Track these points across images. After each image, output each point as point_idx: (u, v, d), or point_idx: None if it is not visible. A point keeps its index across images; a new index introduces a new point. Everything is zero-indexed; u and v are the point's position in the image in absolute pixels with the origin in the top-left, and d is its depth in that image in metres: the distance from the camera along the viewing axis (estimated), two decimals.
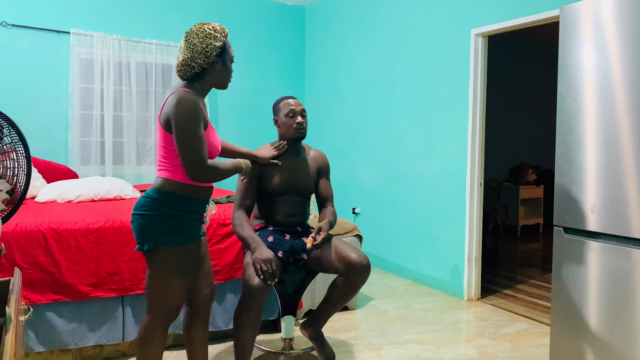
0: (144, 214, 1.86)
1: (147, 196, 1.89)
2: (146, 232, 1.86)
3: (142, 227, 1.86)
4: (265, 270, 2.15)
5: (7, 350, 1.11)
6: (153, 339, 1.94)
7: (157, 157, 1.95)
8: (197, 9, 5.27)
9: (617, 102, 2.12)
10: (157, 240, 1.86)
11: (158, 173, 1.93)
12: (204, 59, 1.87)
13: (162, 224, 1.86)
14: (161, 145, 1.90)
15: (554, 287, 2.38)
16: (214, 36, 1.89)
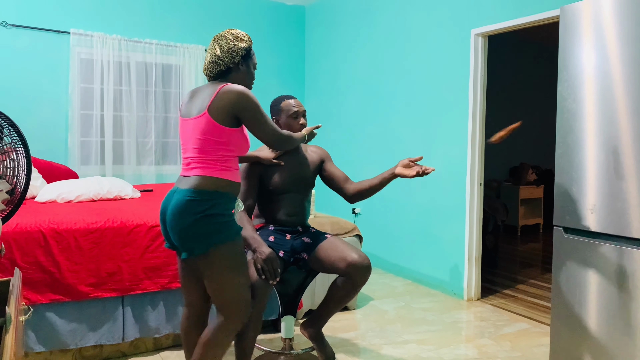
0: (194, 217, 1.82)
1: (190, 198, 1.84)
2: (201, 235, 1.83)
3: (195, 231, 1.83)
4: (266, 270, 2.15)
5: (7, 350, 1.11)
6: (223, 342, 1.94)
7: (189, 154, 1.92)
8: (197, 9, 5.27)
9: (617, 102, 2.12)
10: (212, 241, 1.85)
11: (191, 171, 1.90)
12: (230, 58, 1.96)
13: (212, 224, 1.84)
14: (204, 138, 1.88)
15: (554, 287, 2.38)
16: (240, 39, 1.99)
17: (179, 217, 1.84)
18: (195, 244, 1.84)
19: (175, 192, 1.90)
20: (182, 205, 1.84)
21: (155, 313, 2.75)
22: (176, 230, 1.85)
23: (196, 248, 1.85)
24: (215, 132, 1.88)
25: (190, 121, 1.93)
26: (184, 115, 1.99)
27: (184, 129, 1.97)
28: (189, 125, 1.94)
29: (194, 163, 1.91)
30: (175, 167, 5.23)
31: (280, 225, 2.47)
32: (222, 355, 1.97)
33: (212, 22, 5.36)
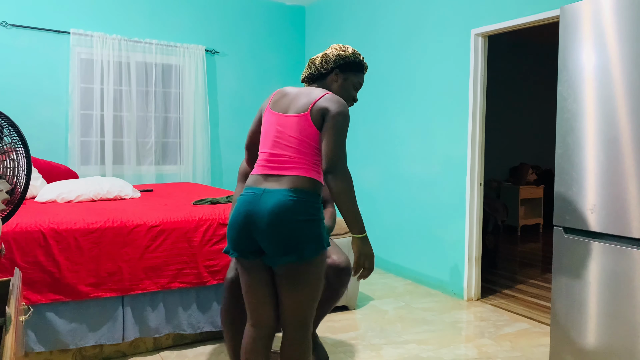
0: (304, 219, 1.70)
1: (296, 199, 1.71)
2: (309, 240, 1.70)
3: (303, 234, 1.70)
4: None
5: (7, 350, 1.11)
6: (308, 349, 1.82)
7: (287, 153, 1.78)
8: (197, 9, 5.27)
9: (617, 102, 2.12)
10: (317, 246, 1.72)
11: (290, 170, 1.76)
12: (322, 63, 1.93)
13: (316, 228, 1.73)
14: (304, 140, 1.78)
15: (554, 287, 2.38)
16: (342, 49, 1.94)
17: (282, 218, 1.68)
18: (302, 249, 1.69)
19: (269, 192, 1.74)
20: (286, 206, 1.69)
21: (155, 313, 2.75)
22: (277, 234, 1.69)
23: (304, 252, 1.69)
24: (312, 136, 1.78)
25: (289, 118, 1.81)
26: (279, 111, 1.86)
27: (276, 124, 1.84)
28: (286, 122, 1.82)
29: (292, 164, 1.77)
30: (175, 167, 5.23)
31: None
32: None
33: (212, 22, 5.36)
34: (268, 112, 1.89)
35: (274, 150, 1.81)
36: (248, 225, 1.74)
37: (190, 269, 2.77)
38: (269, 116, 1.88)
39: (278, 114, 1.86)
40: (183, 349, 2.85)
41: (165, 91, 5.12)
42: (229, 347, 2.29)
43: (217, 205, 3.10)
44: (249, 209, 1.75)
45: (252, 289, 1.83)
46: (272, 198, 1.71)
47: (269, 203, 1.71)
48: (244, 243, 1.78)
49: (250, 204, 1.75)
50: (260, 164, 1.84)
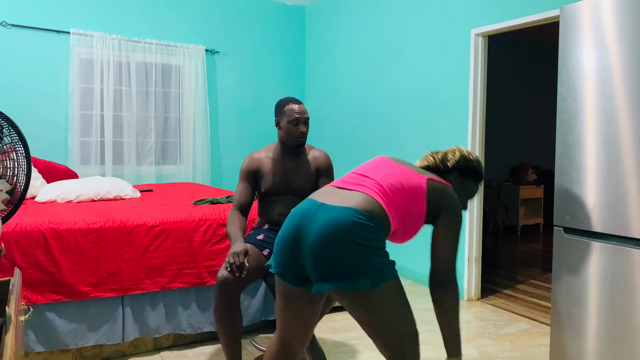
0: (370, 245, 1.50)
1: (368, 223, 1.52)
2: (372, 268, 1.50)
3: (368, 262, 1.49)
4: (232, 263, 2.16)
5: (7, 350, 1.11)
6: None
7: (373, 177, 1.67)
8: (197, 9, 5.27)
9: (617, 102, 2.12)
10: (379, 277, 1.51)
11: (365, 189, 1.62)
12: (445, 158, 1.87)
13: (377, 257, 1.52)
14: (403, 189, 1.65)
15: (554, 287, 2.38)
16: (468, 153, 1.91)
17: (337, 236, 1.49)
18: (355, 277, 1.49)
19: (326, 208, 1.56)
20: (346, 224, 1.50)
21: (155, 313, 2.75)
22: (327, 253, 1.50)
23: (358, 282, 1.48)
24: (414, 192, 1.65)
25: (398, 166, 1.72)
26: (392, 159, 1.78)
27: (384, 164, 1.74)
28: (393, 166, 1.73)
29: (372, 186, 1.63)
30: (175, 167, 5.23)
31: (275, 224, 2.49)
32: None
33: (212, 22, 5.36)
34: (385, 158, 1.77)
35: (359, 171, 1.70)
36: (297, 241, 1.57)
37: (190, 269, 2.77)
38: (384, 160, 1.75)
39: (387, 159, 1.74)
40: (183, 349, 2.85)
41: (165, 91, 5.12)
42: (224, 346, 2.29)
43: (217, 205, 3.10)
44: (297, 222, 1.58)
45: (287, 307, 1.69)
46: (329, 213, 1.53)
47: (325, 218, 1.52)
48: (288, 263, 1.61)
49: (302, 217, 1.58)
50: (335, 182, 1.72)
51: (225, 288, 2.21)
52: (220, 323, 2.25)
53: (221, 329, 2.26)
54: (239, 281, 2.23)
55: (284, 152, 2.48)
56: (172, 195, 3.71)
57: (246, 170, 2.46)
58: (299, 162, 2.49)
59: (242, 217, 2.40)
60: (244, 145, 5.61)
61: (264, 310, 3.02)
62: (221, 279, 2.21)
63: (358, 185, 1.63)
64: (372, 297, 1.50)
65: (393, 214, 1.61)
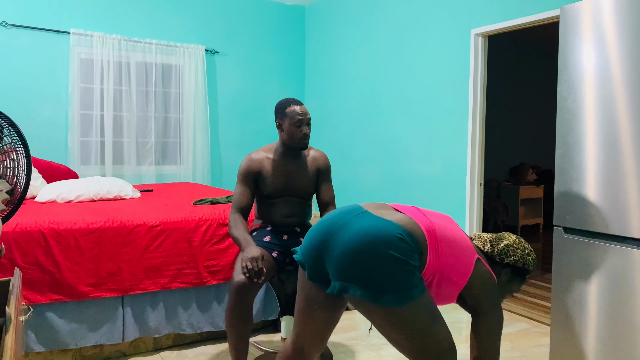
0: (404, 260, 1.47)
1: (399, 236, 1.49)
2: (398, 284, 1.47)
3: (395, 276, 1.46)
4: (250, 269, 2.14)
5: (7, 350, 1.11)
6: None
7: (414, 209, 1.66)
8: (197, 9, 5.27)
9: (617, 102, 2.12)
10: (405, 296, 1.48)
11: (407, 211, 1.64)
12: (504, 252, 1.79)
13: (408, 274, 1.49)
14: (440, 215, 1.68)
15: (554, 287, 2.38)
16: (529, 254, 1.82)
17: (371, 242, 1.46)
18: (381, 290, 1.45)
19: (370, 216, 1.54)
20: (383, 236, 1.47)
21: (155, 313, 2.75)
22: (339, 267, 1.48)
23: (383, 296, 1.45)
24: (461, 259, 1.62)
25: (458, 229, 1.71)
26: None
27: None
28: (452, 224, 1.71)
29: (415, 210, 1.66)
30: (175, 167, 5.23)
31: (277, 226, 2.47)
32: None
33: (212, 22, 5.36)
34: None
35: (420, 209, 1.69)
36: (331, 236, 1.54)
37: (190, 269, 2.77)
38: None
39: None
40: (183, 349, 2.85)
41: (165, 91, 5.12)
42: (233, 349, 2.28)
43: (217, 205, 3.10)
44: (332, 223, 1.56)
45: (305, 320, 1.68)
46: (373, 220, 1.50)
47: (366, 223, 1.50)
48: (314, 253, 1.59)
49: (338, 218, 1.56)
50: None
51: (242, 293, 2.19)
52: (233, 327, 2.23)
53: (232, 332, 2.24)
54: (254, 286, 2.21)
55: (285, 154, 2.46)
56: (172, 195, 3.71)
57: (246, 171, 2.42)
58: (300, 164, 2.48)
59: (244, 221, 2.39)
60: (244, 145, 5.61)
61: (264, 310, 3.02)
62: (238, 283, 2.19)
63: (410, 213, 1.61)
64: (398, 313, 1.47)
65: (432, 254, 1.56)
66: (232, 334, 2.24)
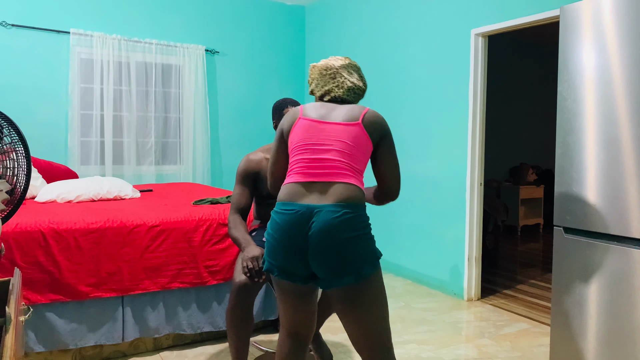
0: (363, 233, 1.59)
1: (355, 213, 1.60)
2: (370, 254, 1.60)
3: (365, 249, 1.59)
4: (251, 268, 2.14)
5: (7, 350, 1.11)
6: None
7: (340, 160, 1.67)
8: (197, 9, 5.27)
9: (617, 102, 2.12)
10: (373, 263, 1.61)
11: (342, 177, 1.64)
12: (364, 89, 1.92)
13: (370, 244, 1.62)
14: (355, 145, 1.68)
15: (554, 287, 2.38)
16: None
17: (335, 239, 1.56)
18: (359, 267, 1.58)
19: (317, 210, 1.60)
20: (338, 226, 1.57)
21: (155, 313, 2.75)
22: (332, 256, 1.57)
23: (361, 271, 1.58)
24: (363, 146, 1.69)
25: (335, 125, 1.71)
26: (321, 119, 1.73)
27: (316, 127, 1.72)
28: (331, 129, 1.70)
29: (344, 171, 1.65)
30: (175, 167, 5.23)
31: None
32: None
33: (212, 22, 5.36)
34: (308, 122, 1.74)
35: (316, 154, 1.67)
36: (300, 250, 1.60)
37: (190, 269, 2.77)
38: (308, 125, 1.73)
39: (319, 122, 1.73)
40: (183, 349, 2.85)
41: (165, 91, 5.12)
42: (233, 349, 2.28)
43: (217, 205, 3.10)
44: (297, 232, 1.60)
45: (297, 310, 1.75)
46: (322, 217, 1.57)
47: (319, 224, 1.57)
48: (295, 268, 1.63)
49: (298, 227, 1.60)
50: (298, 171, 1.69)
51: (243, 293, 2.19)
52: (233, 327, 2.23)
53: (233, 332, 2.24)
54: (255, 286, 2.22)
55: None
56: (172, 195, 3.71)
57: (244, 172, 2.42)
58: None
59: (243, 221, 2.39)
60: (244, 146, 5.61)
61: (264, 310, 3.02)
62: (239, 284, 2.19)
63: (333, 175, 1.65)
64: (374, 280, 1.62)
65: (361, 179, 1.70)
66: (233, 334, 2.25)
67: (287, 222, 1.62)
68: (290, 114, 1.83)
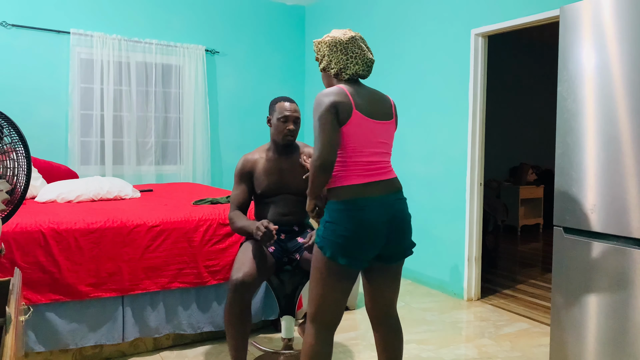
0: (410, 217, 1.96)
1: (405, 199, 1.96)
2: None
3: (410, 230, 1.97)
4: (264, 232, 2.16)
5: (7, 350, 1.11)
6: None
7: (380, 158, 1.88)
8: (197, 9, 5.27)
9: (617, 102, 2.12)
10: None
11: (390, 174, 1.91)
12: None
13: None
14: (390, 144, 1.94)
15: (554, 287, 2.38)
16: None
17: (409, 220, 1.94)
18: (411, 243, 1.98)
19: (392, 197, 1.87)
20: (406, 206, 1.94)
21: (155, 313, 2.75)
22: (409, 234, 1.94)
23: (411, 246, 1.98)
24: (392, 140, 1.95)
25: (382, 126, 1.88)
26: (370, 117, 1.85)
27: (372, 130, 1.85)
28: (380, 130, 1.87)
29: (388, 167, 1.92)
30: (175, 167, 5.23)
31: (275, 224, 2.48)
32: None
33: (212, 22, 5.36)
34: (363, 119, 1.82)
35: (371, 157, 1.85)
36: (381, 235, 1.82)
37: (190, 269, 2.77)
38: (362, 123, 1.82)
39: (373, 120, 1.85)
40: (183, 349, 2.85)
41: (165, 91, 5.12)
42: (232, 347, 2.28)
43: (217, 205, 3.10)
44: (381, 219, 1.81)
45: (345, 295, 1.88)
46: (397, 204, 1.86)
47: (396, 209, 1.85)
48: (368, 253, 1.82)
49: (388, 214, 1.83)
50: (359, 174, 1.83)
51: (240, 290, 2.20)
52: (231, 325, 2.24)
53: (231, 331, 2.25)
54: (252, 284, 2.22)
55: (277, 152, 2.48)
56: (172, 195, 3.71)
57: (240, 172, 2.46)
58: (293, 161, 2.49)
59: (242, 213, 2.42)
60: (244, 145, 5.61)
61: (264, 310, 3.02)
62: (236, 281, 2.20)
63: (388, 172, 1.90)
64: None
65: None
66: (231, 332, 2.25)
67: (371, 211, 1.79)
68: (340, 98, 1.80)
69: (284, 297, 2.54)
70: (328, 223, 1.81)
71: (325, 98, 1.78)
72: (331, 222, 1.80)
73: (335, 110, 1.77)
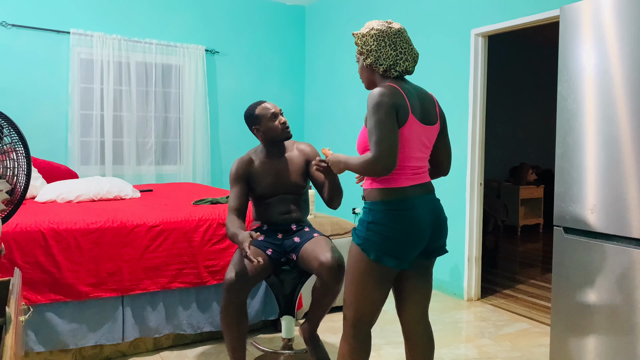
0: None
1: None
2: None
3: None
4: (246, 257, 2.03)
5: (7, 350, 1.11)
6: None
7: (422, 163, 1.84)
8: (197, 9, 5.27)
9: (617, 102, 2.12)
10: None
11: (426, 177, 1.88)
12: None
13: None
14: (431, 148, 1.88)
15: (554, 287, 2.38)
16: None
17: (446, 220, 1.93)
18: (445, 242, 1.99)
19: (434, 198, 1.87)
20: (442, 206, 1.93)
21: (155, 313, 2.75)
22: (446, 233, 1.94)
23: (445, 244, 1.99)
24: (432, 143, 1.89)
25: (429, 131, 1.81)
26: (424, 122, 1.79)
27: (421, 135, 1.78)
28: (429, 133, 1.81)
29: (427, 170, 1.90)
30: (175, 167, 5.23)
31: (273, 224, 2.48)
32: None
33: (212, 22, 5.36)
34: (416, 124, 1.76)
35: (416, 162, 1.81)
36: (426, 235, 1.80)
37: (190, 269, 2.77)
38: (414, 127, 1.76)
39: (424, 126, 1.80)
40: (183, 349, 2.85)
41: (165, 91, 5.12)
42: (230, 349, 2.28)
43: (217, 205, 3.10)
44: (428, 218, 1.80)
45: (385, 296, 1.85)
46: (437, 203, 1.87)
47: (438, 209, 1.86)
48: (414, 253, 1.80)
49: (433, 213, 1.83)
50: (407, 177, 1.80)
51: (234, 290, 2.20)
52: (227, 325, 2.24)
53: (228, 332, 2.25)
54: (246, 283, 2.21)
55: (271, 153, 2.48)
56: (172, 195, 3.71)
57: (236, 174, 2.44)
58: (286, 160, 2.49)
59: (239, 220, 2.39)
60: (244, 145, 5.61)
61: (264, 310, 3.02)
62: (230, 280, 2.19)
63: (426, 176, 1.87)
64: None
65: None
66: (227, 332, 2.25)
67: (420, 211, 1.77)
68: (399, 100, 1.71)
69: (283, 297, 2.54)
70: (372, 224, 1.73)
71: (385, 98, 1.67)
72: (375, 222, 1.73)
73: (396, 114, 1.68)
